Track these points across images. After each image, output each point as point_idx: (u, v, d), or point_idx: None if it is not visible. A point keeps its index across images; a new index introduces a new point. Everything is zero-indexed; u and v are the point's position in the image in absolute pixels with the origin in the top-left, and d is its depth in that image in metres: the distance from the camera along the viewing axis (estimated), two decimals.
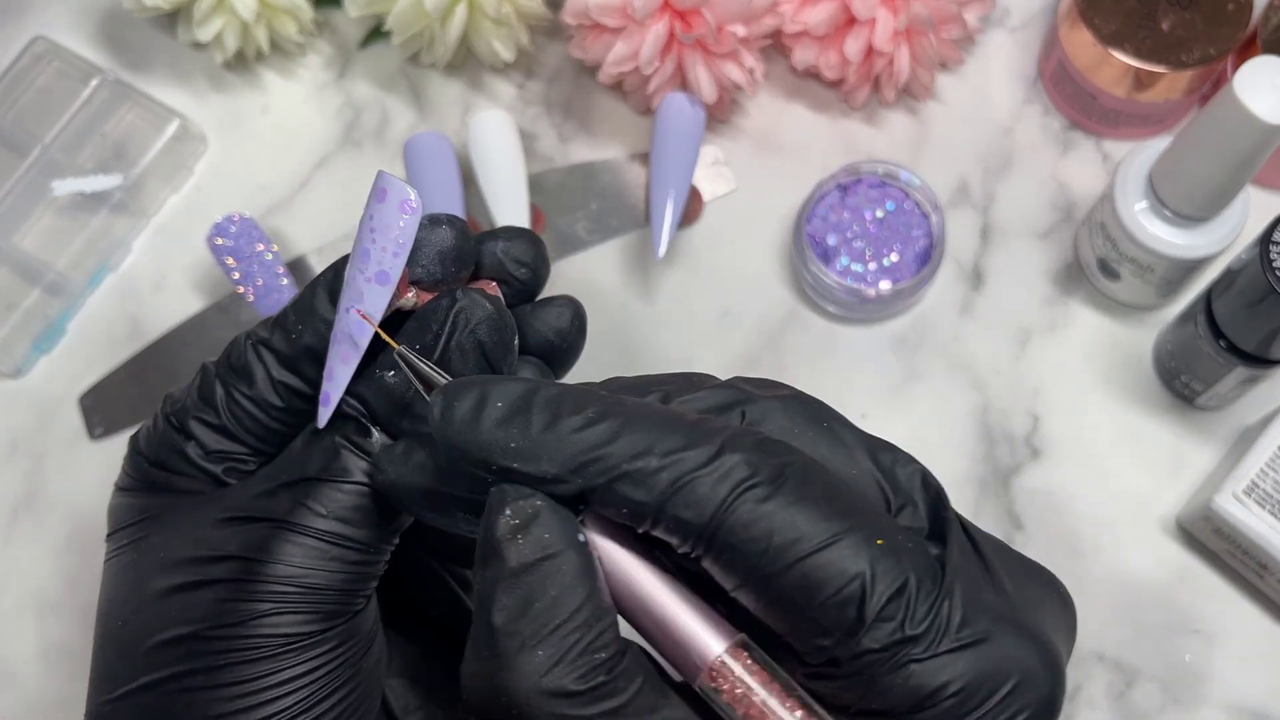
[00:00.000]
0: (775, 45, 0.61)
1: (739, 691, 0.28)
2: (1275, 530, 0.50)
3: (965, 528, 0.30)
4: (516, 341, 0.34)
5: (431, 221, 0.33)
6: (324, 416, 0.33)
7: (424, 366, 0.31)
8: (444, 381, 0.30)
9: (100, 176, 0.60)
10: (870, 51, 0.58)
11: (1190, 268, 0.53)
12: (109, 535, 0.35)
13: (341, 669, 0.32)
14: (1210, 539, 0.54)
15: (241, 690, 0.31)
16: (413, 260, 0.33)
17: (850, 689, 0.28)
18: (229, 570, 0.32)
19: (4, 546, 0.57)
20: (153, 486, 0.34)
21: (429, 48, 0.61)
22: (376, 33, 0.64)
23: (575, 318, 0.35)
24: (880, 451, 0.30)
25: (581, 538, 0.28)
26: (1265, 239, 0.46)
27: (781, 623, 0.28)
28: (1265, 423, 0.53)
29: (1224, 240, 0.52)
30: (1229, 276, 0.49)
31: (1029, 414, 0.57)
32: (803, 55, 0.59)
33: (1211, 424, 0.57)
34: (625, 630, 0.29)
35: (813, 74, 0.62)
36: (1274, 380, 0.56)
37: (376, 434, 0.33)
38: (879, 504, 0.30)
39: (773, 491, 0.27)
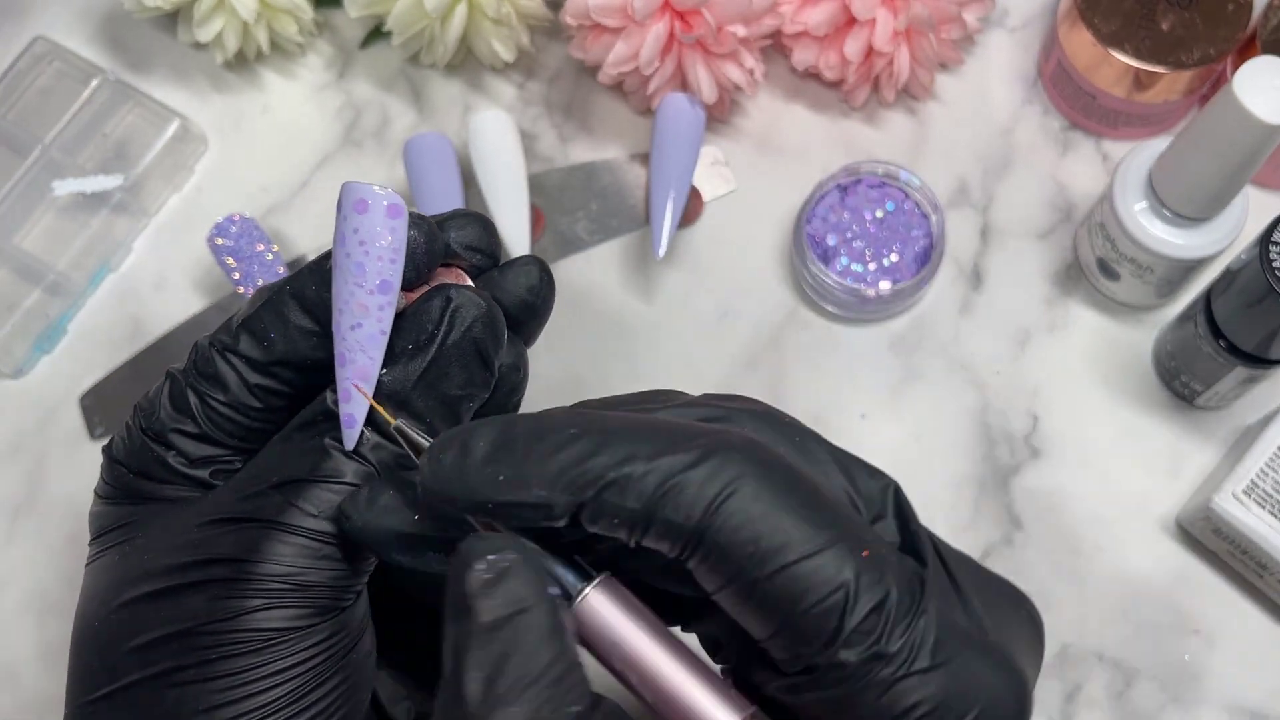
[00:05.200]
0: (775, 45, 0.61)
1: None
2: (1275, 530, 0.50)
3: (935, 544, 0.30)
4: (506, 335, 0.34)
5: None
6: (351, 439, 0.32)
7: (419, 438, 0.31)
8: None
9: (101, 177, 0.60)
10: (870, 52, 0.58)
11: (1190, 268, 0.53)
12: (91, 541, 0.35)
13: (332, 660, 0.32)
14: (1210, 539, 0.54)
15: (232, 682, 0.31)
16: None
17: (823, 704, 0.28)
18: (220, 571, 0.32)
19: (5, 547, 0.57)
20: (137, 495, 0.34)
21: (429, 48, 0.61)
22: (377, 33, 0.64)
23: (543, 272, 0.36)
24: (851, 466, 0.31)
25: (554, 590, 0.28)
26: (1265, 239, 0.46)
27: (762, 628, 0.28)
28: (1265, 423, 0.53)
29: (1223, 240, 0.52)
30: (1228, 276, 0.49)
31: (1028, 414, 0.57)
32: (803, 55, 0.59)
33: (1211, 424, 0.57)
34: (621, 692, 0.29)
35: (813, 74, 0.62)
36: (1274, 380, 0.56)
37: (366, 432, 0.33)
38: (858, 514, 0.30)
39: (760, 492, 0.27)
